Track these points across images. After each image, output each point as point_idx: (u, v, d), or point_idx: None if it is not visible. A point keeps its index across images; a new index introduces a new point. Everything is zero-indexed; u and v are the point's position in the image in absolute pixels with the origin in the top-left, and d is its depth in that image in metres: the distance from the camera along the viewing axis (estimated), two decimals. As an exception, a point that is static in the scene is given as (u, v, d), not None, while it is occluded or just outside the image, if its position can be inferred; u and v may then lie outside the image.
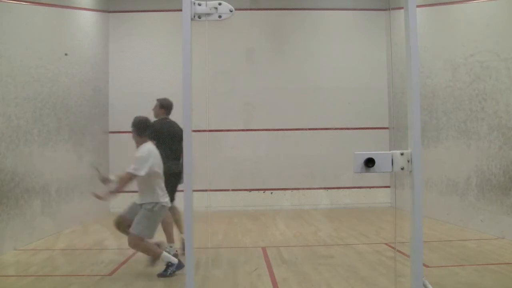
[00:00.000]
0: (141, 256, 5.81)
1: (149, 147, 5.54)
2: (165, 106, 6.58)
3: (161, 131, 6.32)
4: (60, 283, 5.38)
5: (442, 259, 6.11)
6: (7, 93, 7.13)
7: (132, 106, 11.05)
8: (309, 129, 11.24)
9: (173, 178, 6.20)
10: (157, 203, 5.48)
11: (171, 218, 6.15)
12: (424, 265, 2.57)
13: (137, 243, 5.43)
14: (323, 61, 11.37)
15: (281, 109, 11.25)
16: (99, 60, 10.64)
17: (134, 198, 5.63)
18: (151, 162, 5.44)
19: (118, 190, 5.39)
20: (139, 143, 5.59)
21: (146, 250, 5.50)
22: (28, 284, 5.31)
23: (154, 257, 5.50)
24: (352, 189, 11.07)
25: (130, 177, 5.36)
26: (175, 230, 6.22)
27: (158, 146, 5.73)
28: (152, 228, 5.48)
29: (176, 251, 6.10)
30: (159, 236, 5.81)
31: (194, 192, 2.47)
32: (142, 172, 5.33)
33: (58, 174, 8.46)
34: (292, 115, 11.21)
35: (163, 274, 5.44)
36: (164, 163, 5.76)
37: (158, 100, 6.64)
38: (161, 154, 5.70)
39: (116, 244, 7.37)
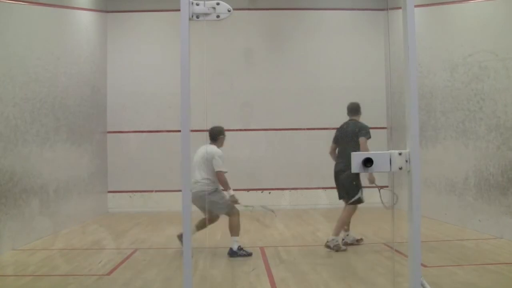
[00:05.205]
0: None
1: None
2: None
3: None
4: (58, 283, 5.38)
5: (440, 259, 6.11)
6: (5, 93, 7.12)
7: (130, 106, 11.15)
8: (307, 129, 11.23)
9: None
10: None
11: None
12: (422, 265, 2.57)
13: None
14: (321, 61, 11.36)
15: (280, 109, 11.25)
16: (97, 60, 10.63)
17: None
18: None
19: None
20: None
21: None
22: (26, 284, 5.30)
23: None
24: (351, 189, 11.03)
25: None
26: None
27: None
28: None
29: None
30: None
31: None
32: None
33: (56, 174, 8.45)
34: (291, 115, 11.21)
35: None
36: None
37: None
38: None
39: (114, 244, 7.39)
